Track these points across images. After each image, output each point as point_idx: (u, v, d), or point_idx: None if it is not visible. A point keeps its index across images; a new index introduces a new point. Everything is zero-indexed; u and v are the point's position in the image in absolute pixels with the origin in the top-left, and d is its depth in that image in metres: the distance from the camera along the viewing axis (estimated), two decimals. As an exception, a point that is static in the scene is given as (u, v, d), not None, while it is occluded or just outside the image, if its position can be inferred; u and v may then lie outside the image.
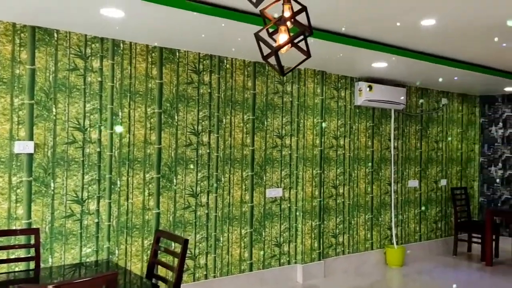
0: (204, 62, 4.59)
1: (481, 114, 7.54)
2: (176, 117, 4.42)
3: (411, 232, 6.54)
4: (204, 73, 4.59)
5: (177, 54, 4.42)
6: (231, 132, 4.78)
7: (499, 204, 7.28)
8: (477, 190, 7.54)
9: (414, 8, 3.27)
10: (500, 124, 7.31)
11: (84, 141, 3.93)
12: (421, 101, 6.62)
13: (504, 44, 4.25)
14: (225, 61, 4.72)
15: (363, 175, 5.94)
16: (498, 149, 7.32)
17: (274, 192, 5.09)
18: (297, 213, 5.27)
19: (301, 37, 2.30)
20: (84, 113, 3.93)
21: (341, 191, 5.70)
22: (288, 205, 5.22)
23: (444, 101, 6.96)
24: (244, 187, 4.87)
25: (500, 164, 7.30)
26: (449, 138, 7.08)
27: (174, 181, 4.42)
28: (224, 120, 4.72)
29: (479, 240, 7.22)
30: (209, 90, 4.62)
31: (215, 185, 4.67)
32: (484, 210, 7.35)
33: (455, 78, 5.79)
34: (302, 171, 5.30)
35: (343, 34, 4.01)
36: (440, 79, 5.95)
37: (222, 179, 4.72)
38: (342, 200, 5.72)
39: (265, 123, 5.03)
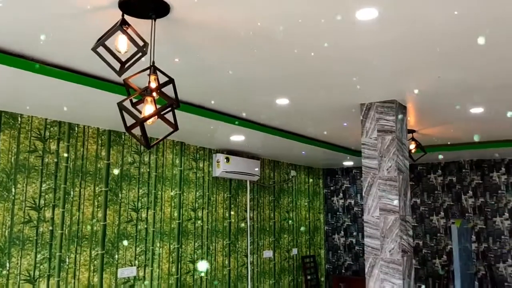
0: (52, 128, 4.16)
1: (324, 186, 8.22)
2: (13, 190, 3.83)
3: (267, 303, 6.55)
4: (51, 140, 4.14)
5: (19, 119, 3.93)
6: (80, 205, 4.31)
7: (343, 271, 7.81)
8: (323, 257, 8.01)
9: (269, 88, 3.47)
10: (341, 195, 8.03)
11: None
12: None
13: (345, 124, 4.76)
14: (76, 128, 4.35)
15: (221, 247, 5.85)
16: (340, 217, 7.99)
17: (127, 272, 4.65)
18: (152, 293, 4.87)
19: (168, 109, 2.21)
20: None
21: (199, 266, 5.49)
22: (143, 285, 4.81)
23: (293, 173, 7.43)
24: (92, 268, 4.35)
25: (342, 232, 7.93)
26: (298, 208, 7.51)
27: (7, 265, 3.73)
28: (72, 193, 4.25)
29: (328, 306, 7.56)
30: (55, 160, 4.16)
31: (57, 267, 4.08)
32: (331, 277, 7.80)
33: (303, 152, 6.26)
34: (159, 247, 4.99)
35: (203, 107, 4.05)
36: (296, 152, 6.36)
37: (67, 260, 4.15)
38: (200, 275, 5.49)
39: (120, 195, 4.68)
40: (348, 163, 7.53)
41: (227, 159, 5.79)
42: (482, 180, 6.75)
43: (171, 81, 2.22)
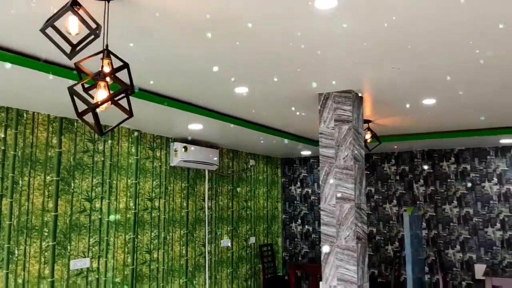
0: (-2, 114, 3.94)
1: (283, 175, 8.29)
2: (-45, 179, 3.62)
3: (224, 292, 6.57)
4: (-3, 127, 3.93)
5: (-38, 103, 3.70)
6: (29, 195, 4.13)
7: (299, 258, 7.94)
8: (281, 245, 8.10)
9: (228, 77, 3.43)
10: (298, 184, 8.13)
11: None
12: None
13: (304, 114, 4.79)
14: (25, 115, 4.15)
15: (178, 237, 5.79)
16: (297, 206, 8.09)
17: (80, 263, 4.52)
18: (106, 285, 4.76)
19: (123, 95, 2.13)
20: None
21: (155, 256, 5.41)
22: (96, 276, 4.69)
23: (251, 162, 7.45)
24: (43, 259, 4.19)
25: (299, 220, 8.05)
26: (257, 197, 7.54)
27: None
28: (20, 182, 4.07)
29: (285, 294, 7.66)
30: (3, 147, 3.95)
31: (6, 259, 3.90)
32: (288, 265, 7.91)
33: (262, 141, 6.27)
34: (114, 237, 4.87)
35: (160, 95, 3.96)
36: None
37: (16, 252, 3.98)
38: (157, 265, 5.42)
39: (72, 185, 4.52)
40: (305, 153, 7.61)
41: (185, 148, 5.71)
42: (433, 169, 7.02)
43: (125, 65, 2.15)
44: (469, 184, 6.76)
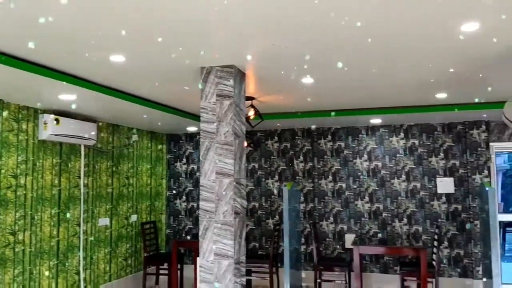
0: None
1: (168, 151, 8.10)
2: None
3: (101, 273, 6.26)
4: None
5: None
6: None
7: (183, 235, 7.88)
8: (164, 223, 7.96)
9: (102, 42, 3.17)
10: (184, 160, 8.01)
11: None
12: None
13: (187, 88, 4.66)
14: None
15: (49, 217, 5.34)
16: (183, 183, 7.98)
17: None
18: (-40, 272, 4.23)
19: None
20: None
21: (20, 237, 4.93)
22: None
23: (134, 137, 7.12)
24: None
25: (184, 197, 7.96)
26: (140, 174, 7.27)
27: None
28: None
29: (167, 272, 7.57)
30: None
31: None
32: (171, 242, 7.81)
33: (144, 116, 6.00)
34: (-32, 219, 4.32)
35: (24, 59, 3.53)
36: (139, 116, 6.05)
37: None
38: (22, 248, 4.95)
39: None
40: (192, 129, 7.50)
41: (57, 121, 5.24)
42: (312, 146, 7.39)
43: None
44: (343, 161, 7.26)
